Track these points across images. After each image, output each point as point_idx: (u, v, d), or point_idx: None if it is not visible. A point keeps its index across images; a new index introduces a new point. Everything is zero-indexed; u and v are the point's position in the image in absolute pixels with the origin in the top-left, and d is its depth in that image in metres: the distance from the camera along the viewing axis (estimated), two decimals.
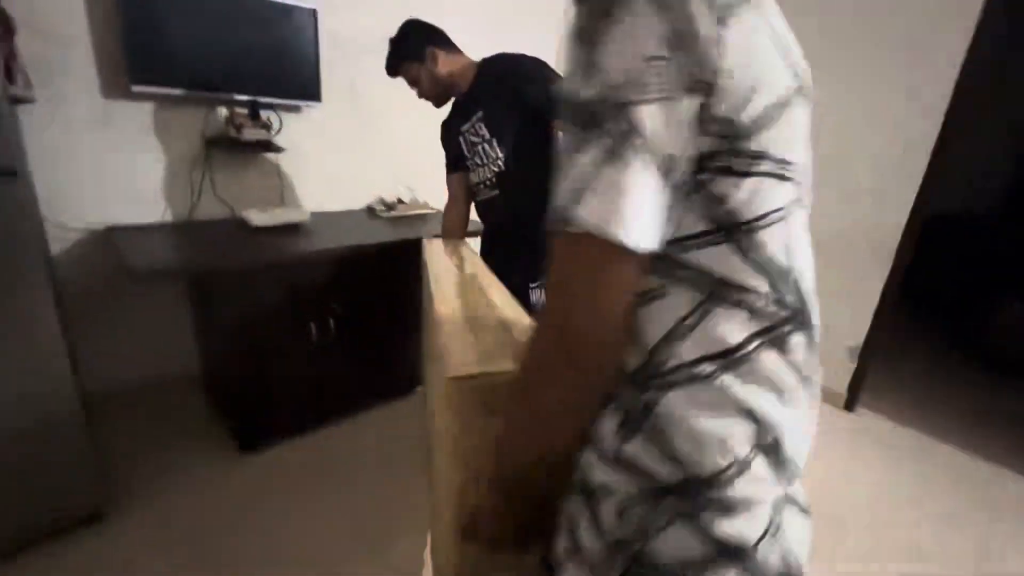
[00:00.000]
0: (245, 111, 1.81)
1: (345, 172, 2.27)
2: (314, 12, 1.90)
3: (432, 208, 2.38)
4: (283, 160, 2.04)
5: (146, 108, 1.71)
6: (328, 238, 1.78)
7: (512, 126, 1.35)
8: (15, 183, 1.12)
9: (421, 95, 1.49)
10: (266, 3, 1.78)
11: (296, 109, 2.04)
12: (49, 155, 1.58)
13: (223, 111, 1.82)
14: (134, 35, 1.56)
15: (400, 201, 2.30)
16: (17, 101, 1.45)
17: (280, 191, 2.07)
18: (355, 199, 2.33)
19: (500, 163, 1.39)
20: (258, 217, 1.79)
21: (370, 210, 2.29)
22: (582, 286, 0.42)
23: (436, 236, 1.59)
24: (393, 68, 1.49)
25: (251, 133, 1.79)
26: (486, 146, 1.40)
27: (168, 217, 1.83)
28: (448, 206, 1.60)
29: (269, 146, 1.87)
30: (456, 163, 1.53)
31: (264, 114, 1.87)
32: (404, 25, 1.48)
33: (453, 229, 1.59)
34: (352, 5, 2.08)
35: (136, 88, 1.60)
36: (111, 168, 1.70)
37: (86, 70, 1.59)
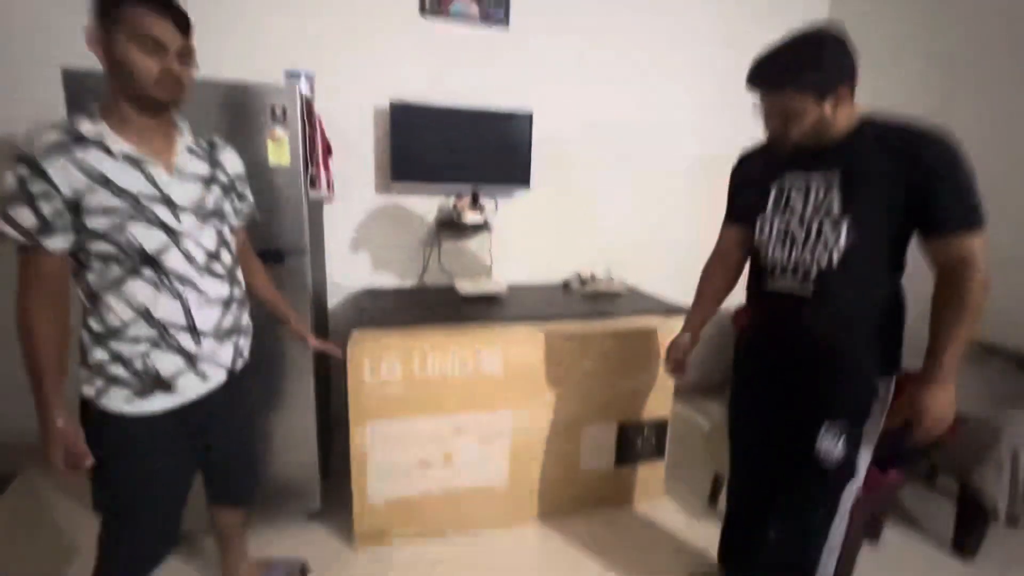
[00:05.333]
0: (467, 197, 2.18)
1: (546, 250, 2.47)
2: (530, 116, 2.20)
3: (627, 286, 2.36)
4: (495, 238, 2.35)
5: (399, 200, 2.23)
6: (514, 309, 1.94)
7: (875, 212, 1.02)
8: (306, 257, 1.61)
9: (780, 132, 1.07)
10: (495, 114, 2.16)
11: (509, 194, 2.35)
12: (338, 234, 2.19)
13: (452, 199, 2.23)
14: (397, 149, 2.08)
15: (593, 277, 2.36)
16: (324, 202, 2.10)
17: (490, 264, 2.38)
18: (554, 272, 2.50)
19: (835, 253, 1.05)
20: (464, 286, 2.09)
21: (565, 285, 2.41)
22: None
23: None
24: (780, 84, 1.02)
25: (469, 217, 2.13)
26: (822, 221, 1.06)
27: (405, 283, 2.29)
28: (711, 260, 1.41)
29: (483, 227, 2.19)
30: (741, 213, 1.28)
31: (483, 200, 2.22)
32: (823, 35, 0.99)
33: (704, 289, 1.40)
34: (561, 107, 2.36)
35: (395, 183, 2.12)
36: (374, 244, 2.25)
37: (367, 176, 2.18)
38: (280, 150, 1.49)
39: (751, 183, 1.23)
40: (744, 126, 2.51)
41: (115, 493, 1.04)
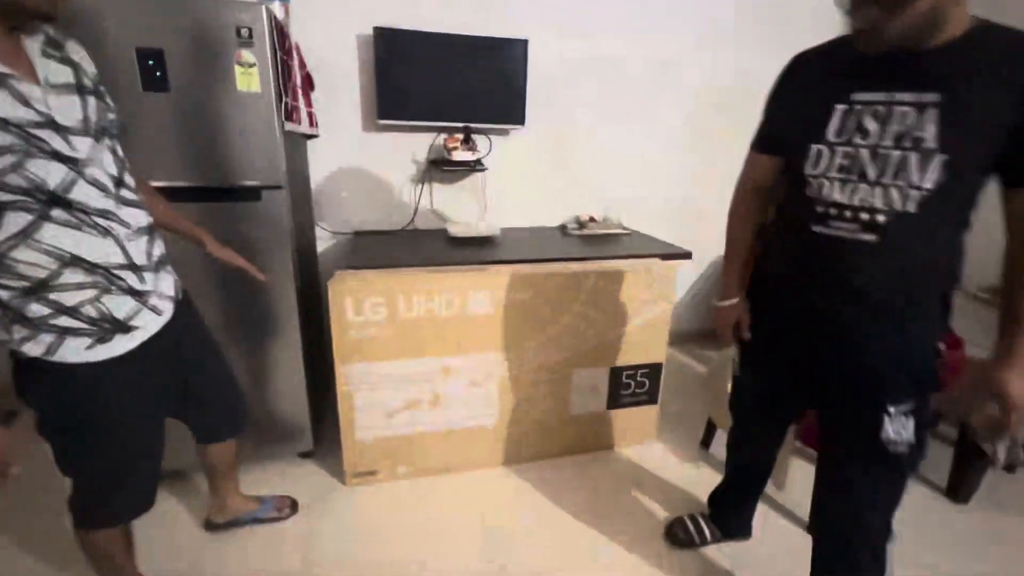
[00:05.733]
0: (460, 136, 2.07)
1: (542, 191, 2.36)
2: (525, 42, 2.04)
3: (625, 229, 2.27)
4: (488, 179, 2.25)
5: (387, 137, 2.12)
6: (505, 251, 1.87)
7: (978, 148, 0.80)
8: (283, 193, 1.53)
9: (877, 24, 0.78)
10: (486, 39, 2.01)
11: (503, 132, 2.22)
12: (324, 175, 2.10)
13: (443, 137, 2.12)
14: (383, 83, 1.95)
15: (592, 220, 2.27)
16: (308, 137, 2.00)
17: (483, 206, 2.29)
18: (551, 216, 2.41)
19: (916, 195, 0.83)
20: (455, 229, 2.02)
21: (563, 228, 2.32)
22: None
23: None
24: None
25: (459, 155, 2.03)
26: (908, 156, 0.83)
27: (395, 225, 2.22)
28: (742, 199, 1.15)
29: (474, 166, 2.09)
30: (782, 142, 1.03)
31: (475, 138, 2.10)
32: None
33: (741, 235, 1.17)
34: (560, 34, 2.17)
35: (382, 121, 2.01)
36: (361, 185, 2.16)
37: (352, 112, 2.07)
38: (249, 75, 1.39)
39: (807, 99, 0.95)
40: (751, 63, 2.38)
41: (90, 447, 0.97)
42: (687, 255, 1.94)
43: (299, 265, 1.64)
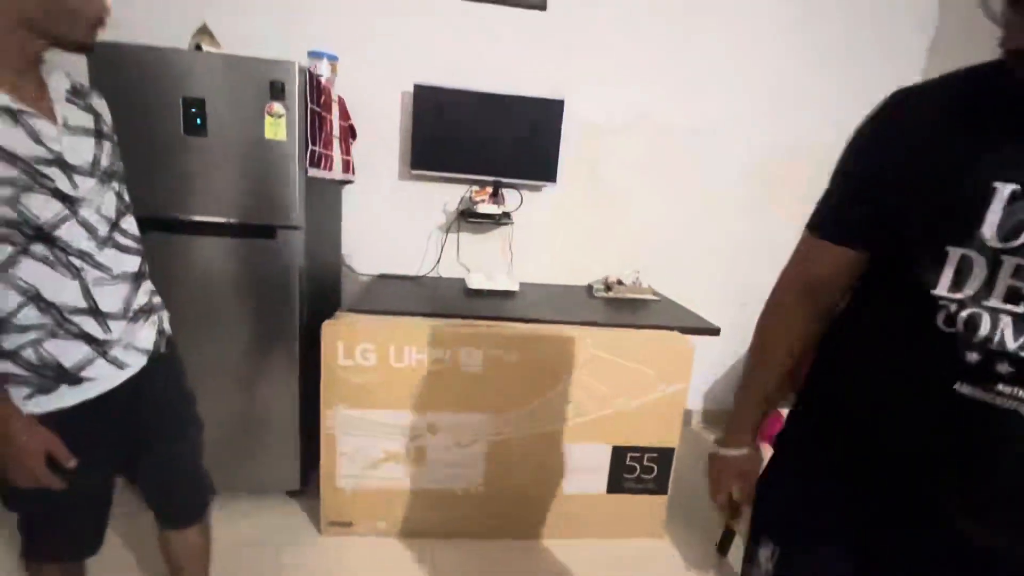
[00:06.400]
0: (489, 189, 2.09)
1: (572, 248, 2.30)
2: (561, 103, 2.05)
3: (656, 295, 2.13)
4: (516, 233, 2.23)
5: (421, 186, 2.18)
6: (517, 308, 1.81)
7: None
8: (299, 233, 1.60)
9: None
10: (523, 98, 2.04)
11: (535, 188, 2.21)
12: (356, 218, 2.19)
13: (473, 189, 2.14)
14: (419, 135, 2.03)
15: (619, 282, 2.15)
16: (345, 183, 2.10)
17: (509, 260, 2.26)
18: (581, 275, 2.32)
19: None
20: (473, 280, 2.00)
21: (589, 288, 2.23)
22: None
23: None
24: None
25: (484, 207, 2.04)
26: None
27: (421, 271, 2.25)
28: (783, 302, 0.78)
29: (500, 219, 2.09)
30: (877, 230, 0.63)
31: (505, 192, 2.11)
32: None
33: (773, 353, 0.79)
34: (594, 95, 2.16)
35: (415, 171, 2.08)
36: (392, 230, 2.22)
37: (391, 161, 2.16)
38: (277, 125, 1.49)
39: (933, 167, 0.56)
40: (809, 128, 2.22)
41: (26, 501, 0.89)
42: (715, 331, 1.77)
43: (307, 304, 1.68)
